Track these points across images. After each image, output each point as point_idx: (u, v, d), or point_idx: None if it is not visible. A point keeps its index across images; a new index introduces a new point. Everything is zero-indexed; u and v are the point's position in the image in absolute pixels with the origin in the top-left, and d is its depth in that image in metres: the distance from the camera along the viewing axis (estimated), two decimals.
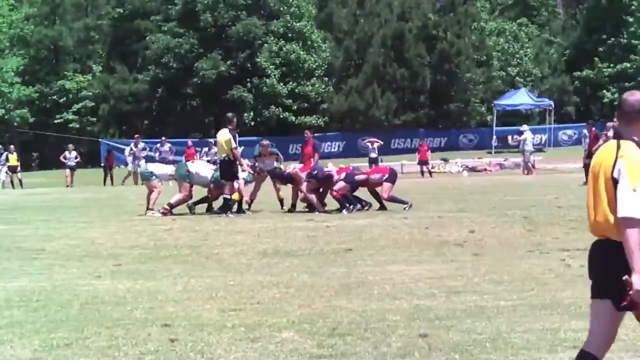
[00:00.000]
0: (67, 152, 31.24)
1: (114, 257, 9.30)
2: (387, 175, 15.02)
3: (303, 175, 14.86)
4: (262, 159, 15.76)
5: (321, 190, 14.99)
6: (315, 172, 14.87)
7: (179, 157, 32.16)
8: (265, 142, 16.37)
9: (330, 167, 15.75)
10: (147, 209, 14.82)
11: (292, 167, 16.12)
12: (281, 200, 15.45)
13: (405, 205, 14.41)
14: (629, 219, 3.44)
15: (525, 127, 32.97)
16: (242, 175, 14.88)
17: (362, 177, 15.12)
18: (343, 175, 14.77)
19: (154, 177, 15.13)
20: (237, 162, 14.43)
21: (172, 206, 14.71)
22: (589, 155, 21.43)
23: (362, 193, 15.16)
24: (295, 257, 8.92)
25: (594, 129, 22.80)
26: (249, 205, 15.45)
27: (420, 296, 6.58)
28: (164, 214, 14.47)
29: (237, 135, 14.99)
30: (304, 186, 14.73)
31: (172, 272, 8.12)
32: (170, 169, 15.77)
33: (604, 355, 3.68)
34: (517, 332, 5.32)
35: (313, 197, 14.66)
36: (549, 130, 43.38)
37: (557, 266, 7.82)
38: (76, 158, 31.48)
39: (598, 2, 51.75)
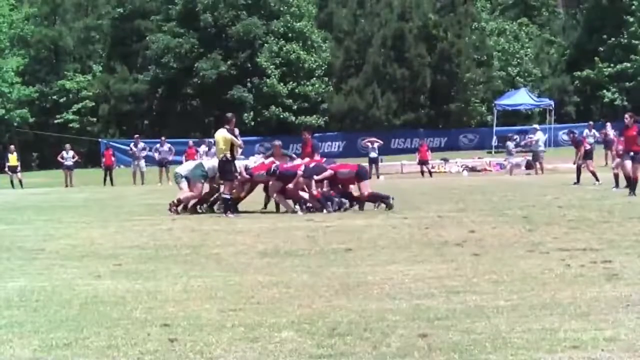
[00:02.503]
0: (64, 152, 31.23)
1: (113, 257, 9.30)
2: (354, 172, 14.86)
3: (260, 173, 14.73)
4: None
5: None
6: (273, 169, 14.59)
7: (179, 157, 32.17)
8: (278, 142, 16.36)
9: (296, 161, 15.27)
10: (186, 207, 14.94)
11: (254, 160, 15.82)
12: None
13: (389, 200, 14.32)
14: None
15: (536, 126, 33.02)
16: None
17: (328, 172, 14.80)
18: (302, 169, 14.49)
19: (183, 179, 15.18)
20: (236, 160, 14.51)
21: (180, 202, 14.83)
22: (584, 156, 21.54)
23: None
24: (295, 257, 8.92)
25: (572, 134, 23.44)
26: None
27: (420, 296, 6.58)
28: (170, 210, 14.67)
29: (236, 135, 14.98)
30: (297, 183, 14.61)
31: (172, 272, 8.12)
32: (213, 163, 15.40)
33: None
34: (516, 332, 5.32)
35: (282, 197, 14.63)
36: (549, 130, 43.34)
37: (557, 266, 7.81)
38: (74, 158, 31.46)
39: (598, 2, 51.75)
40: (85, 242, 10.80)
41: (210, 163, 15.26)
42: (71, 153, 31.30)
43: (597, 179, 20.12)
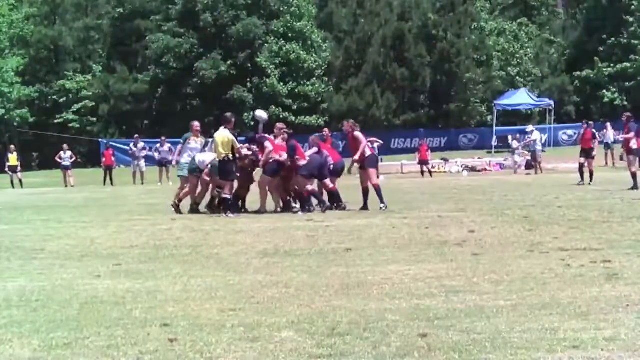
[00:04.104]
0: (62, 152, 31.22)
1: (113, 257, 9.30)
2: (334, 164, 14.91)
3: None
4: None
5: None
6: (257, 136, 14.55)
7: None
8: (281, 125, 16.46)
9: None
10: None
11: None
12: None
13: (343, 204, 14.47)
14: None
15: (531, 127, 33.04)
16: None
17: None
18: (303, 162, 14.38)
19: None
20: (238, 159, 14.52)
21: (180, 201, 15.01)
22: (586, 155, 21.49)
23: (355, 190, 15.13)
24: (295, 257, 8.92)
25: (586, 124, 23.20)
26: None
27: (420, 296, 6.58)
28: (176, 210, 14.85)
29: (237, 135, 14.97)
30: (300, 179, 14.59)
31: (172, 272, 8.12)
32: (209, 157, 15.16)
33: None
34: (516, 331, 5.32)
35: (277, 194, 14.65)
36: (549, 130, 43.41)
37: (557, 266, 7.81)
38: (71, 158, 31.46)
39: (598, 2, 51.79)
40: (85, 242, 10.79)
41: (202, 157, 15.16)
42: (69, 153, 31.29)
43: (583, 179, 20.32)
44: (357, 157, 14.59)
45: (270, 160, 14.48)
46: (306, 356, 4.92)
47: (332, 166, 15.23)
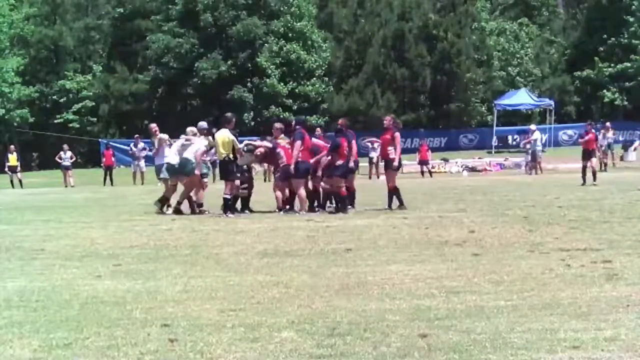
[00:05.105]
0: (62, 152, 31.24)
1: (113, 257, 9.30)
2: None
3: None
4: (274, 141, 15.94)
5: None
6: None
7: None
8: (278, 125, 16.41)
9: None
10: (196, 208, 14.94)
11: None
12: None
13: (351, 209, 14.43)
14: None
15: (533, 126, 33.11)
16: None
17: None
18: (340, 162, 14.26)
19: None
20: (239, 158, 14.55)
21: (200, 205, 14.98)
22: (587, 155, 21.45)
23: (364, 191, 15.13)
24: (295, 257, 8.92)
25: (590, 125, 23.13)
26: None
27: (420, 296, 6.57)
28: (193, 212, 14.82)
29: (237, 135, 14.97)
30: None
31: (172, 272, 8.12)
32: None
33: None
34: (516, 332, 5.32)
35: (279, 194, 14.64)
36: (550, 130, 43.41)
37: (557, 266, 7.81)
38: (72, 158, 31.50)
39: (599, 2, 51.78)
40: (85, 242, 10.79)
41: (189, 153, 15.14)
42: (69, 153, 31.31)
43: (585, 182, 20.32)
44: (396, 162, 14.59)
45: (281, 162, 14.53)
46: (306, 356, 4.92)
47: (357, 162, 15.29)
